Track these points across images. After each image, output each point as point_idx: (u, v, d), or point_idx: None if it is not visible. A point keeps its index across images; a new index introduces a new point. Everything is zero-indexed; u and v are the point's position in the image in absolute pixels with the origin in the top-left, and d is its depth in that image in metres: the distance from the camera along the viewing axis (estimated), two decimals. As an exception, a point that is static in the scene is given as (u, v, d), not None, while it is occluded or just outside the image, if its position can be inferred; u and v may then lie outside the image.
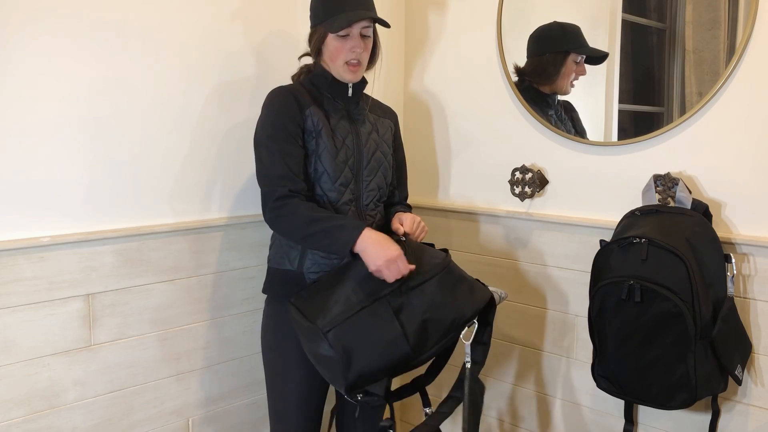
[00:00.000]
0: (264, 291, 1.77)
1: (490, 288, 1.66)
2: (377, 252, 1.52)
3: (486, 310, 1.63)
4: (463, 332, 1.58)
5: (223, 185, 1.93)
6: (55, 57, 1.58)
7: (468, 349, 1.59)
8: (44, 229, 1.60)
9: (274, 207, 1.59)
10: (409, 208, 1.93)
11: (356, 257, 1.56)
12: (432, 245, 1.70)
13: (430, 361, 1.65)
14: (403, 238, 1.63)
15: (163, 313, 1.83)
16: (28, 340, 1.59)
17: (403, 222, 1.68)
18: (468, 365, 1.59)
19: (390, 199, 1.87)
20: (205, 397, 1.95)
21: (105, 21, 1.65)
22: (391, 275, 1.51)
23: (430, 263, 1.58)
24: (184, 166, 1.84)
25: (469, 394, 1.59)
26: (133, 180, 1.74)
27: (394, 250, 1.52)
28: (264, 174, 1.62)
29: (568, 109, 2.00)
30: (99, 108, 1.66)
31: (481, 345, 1.62)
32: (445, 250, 1.67)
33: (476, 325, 1.59)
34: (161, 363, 1.84)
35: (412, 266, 1.55)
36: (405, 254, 1.55)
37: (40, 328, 1.61)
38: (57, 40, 1.58)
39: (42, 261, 1.59)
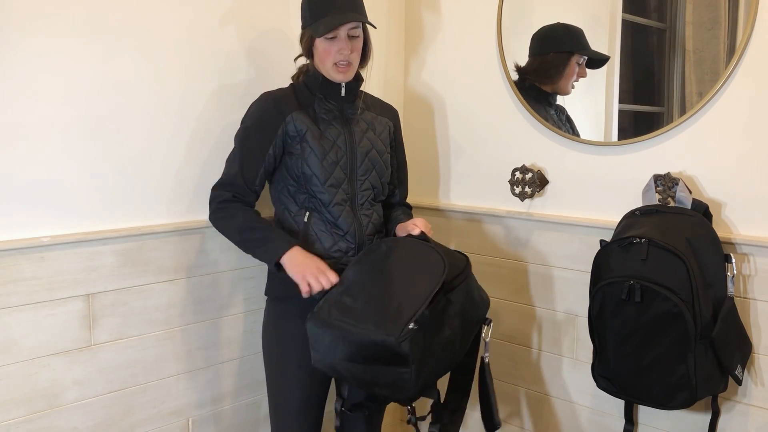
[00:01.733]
0: (266, 293, 1.77)
1: None
2: (299, 267, 1.56)
3: None
4: (484, 330, 1.65)
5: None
6: (55, 57, 1.58)
7: (486, 346, 1.65)
8: (44, 229, 1.60)
9: (216, 209, 1.69)
10: (409, 208, 1.93)
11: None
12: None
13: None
14: (423, 238, 1.64)
15: (163, 313, 1.83)
16: (28, 340, 1.59)
17: (417, 224, 1.68)
18: (487, 360, 1.66)
19: (390, 198, 1.87)
20: (205, 397, 1.95)
21: (105, 21, 1.65)
22: (315, 286, 1.54)
23: (458, 264, 1.58)
24: (185, 165, 1.84)
25: (492, 387, 1.67)
26: (133, 180, 1.74)
27: (315, 265, 1.56)
28: (222, 175, 1.71)
29: (563, 111, 2.01)
30: (99, 108, 1.66)
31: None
32: (459, 252, 1.69)
33: (491, 322, 1.65)
34: (161, 363, 1.84)
35: (336, 278, 1.56)
36: (436, 251, 1.55)
37: (40, 328, 1.60)
38: (58, 40, 1.58)
39: (42, 261, 1.59)
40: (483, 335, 1.64)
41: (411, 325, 1.36)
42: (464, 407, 1.69)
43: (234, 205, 1.67)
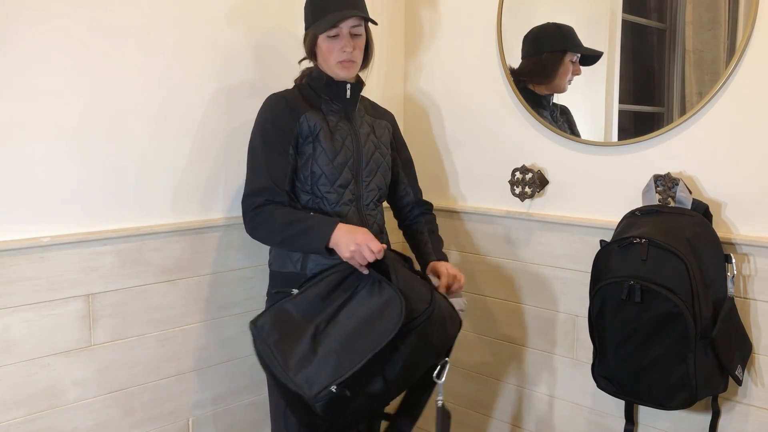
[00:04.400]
0: (268, 294, 1.77)
1: (453, 300, 1.61)
2: (346, 241, 1.50)
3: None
4: (435, 372, 1.51)
5: (224, 185, 1.93)
6: (56, 57, 1.58)
7: (440, 389, 1.52)
8: (44, 229, 1.60)
9: (252, 216, 1.63)
10: (429, 209, 1.92)
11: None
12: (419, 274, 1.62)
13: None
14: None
15: (163, 313, 1.83)
16: (28, 340, 1.59)
17: (440, 276, 1.64)
18: (440, 404, 1.51)
19: (404, 198, 1.87)
20: (205, 397, 1.95)
21: (106, 20, 1.65)
22: (362, 260, 1.48)
23: (417, 308, 1.45)
24: (185, 166, 1.84)
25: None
26: (133, 180, 1.74)
27: (360, 234, 1.50)
28: (247, 184, 1.66)
29: (564, 111, 2.01)
30: (100, 108, 1.66)
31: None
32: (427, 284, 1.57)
33: (448, 364, 1.52)
34: (161, 363, 1.84)
35: (383, 246, 1.49)
36: (399, 300, 1.42)
37: (40, 328, 1.60)
38: (58, 40, 1.58)
39: (42, 261, 1.59)
40: (435, 377, 1.50)
41: (333, 388, 1.33)
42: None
43: (268, 208, 1.62)
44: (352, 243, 1.49)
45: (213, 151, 1.89)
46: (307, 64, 1.79)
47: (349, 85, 1.72)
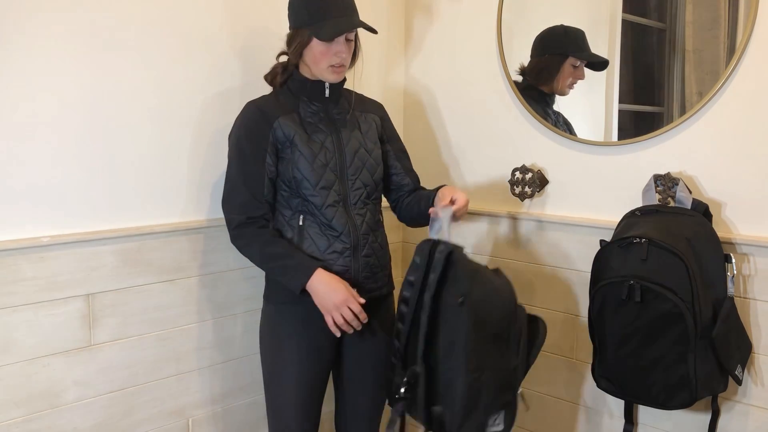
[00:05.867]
0: (265, 297, 1.76)
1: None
2: (325, 295, 1.59)
3: None
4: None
5: (223, 185, 1.92)
6: (56, 57, 1.58)
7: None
8: (44, 229, 1.60)
9: (233, 236, 1.68)
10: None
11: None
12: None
13: None
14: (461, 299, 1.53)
15: (163, 313, 1.83)
16: (28, 340, 1.59)
17: (457, 199, 1.63)
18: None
19: (404, 187, 1.85)
20: (205, 397, 1.95)
21: (105, 21, 1.65)
22: (339, 318, 1.59)
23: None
24: (184, 165, 1.84)
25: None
26: (133, 180, 1.74)
27: (341, 294, 1.59)
28: (225, 199, 1.69)
29: (560, 115, 2.01)
30: (99, 108, 1.66)
31: None
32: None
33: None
34: (161, 363, 1.84)
35: (362, 300, 1.60)
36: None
37: (40, 328, 1.61)
38: (58, 42, 1.58)
39: (42, 261, 1.59)
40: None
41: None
42: None
43: (248, 231, 1.65)
44: (330, 303, 1.59)
45: (212, 151, 1.89)
46: (282, 58, 1.75)
47: (327, 84, 1.71)
